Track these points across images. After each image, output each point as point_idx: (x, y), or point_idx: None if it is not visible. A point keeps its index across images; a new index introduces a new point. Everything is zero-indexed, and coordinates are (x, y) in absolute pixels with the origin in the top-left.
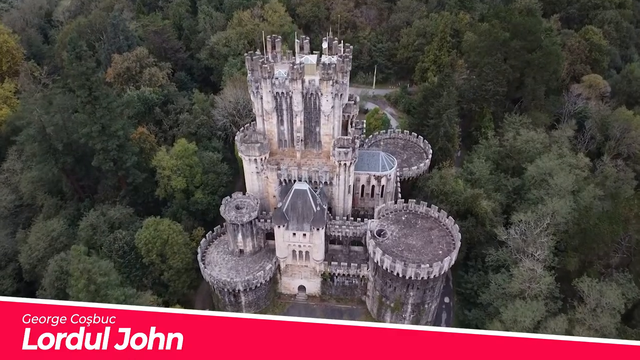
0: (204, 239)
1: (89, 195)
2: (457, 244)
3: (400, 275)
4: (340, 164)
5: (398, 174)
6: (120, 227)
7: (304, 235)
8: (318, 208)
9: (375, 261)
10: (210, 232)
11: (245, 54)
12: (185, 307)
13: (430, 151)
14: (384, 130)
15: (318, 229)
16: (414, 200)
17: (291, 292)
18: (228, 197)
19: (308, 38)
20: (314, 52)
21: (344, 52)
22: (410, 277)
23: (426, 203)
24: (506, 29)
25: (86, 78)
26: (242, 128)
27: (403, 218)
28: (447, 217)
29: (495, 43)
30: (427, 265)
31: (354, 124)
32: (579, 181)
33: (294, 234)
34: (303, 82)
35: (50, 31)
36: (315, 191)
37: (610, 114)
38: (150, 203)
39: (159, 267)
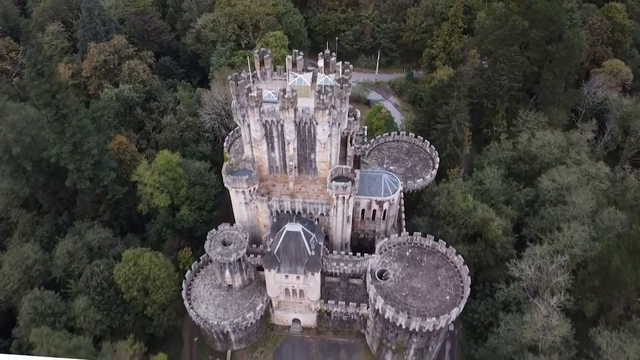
0: (189, 271)
1: (67, 207)
2: (466, 290)
3: (404, 327)
4: (338, 197)
5: (402, 187)
6: (100, 252)
7: (298, 277)
8: (313, 252)
9: (377, 308)
10: (196, 261)
11: (229, 77)
12: (172, 338)
13: (438, 159)
14: (387, 133)
15: (313, 274)
16: (419, 233)
17: (285, 324)
18: (214, 229)
19: (302, 54)
20: (308, 69)
21: (342, 73)
22: (414, 329)
23: (432, 237)
24: (524, 14)
25: (51, 96)
26: (232, 132)
27: (407, 253)
28: (457, 255)
29: (512, 32)
30: (433, 318)
31: (353, 142)
32: (597, 196)
33: (287, 276)
34: (296, 110)
35: (28, 1)
36: (311, 220)
37: (633, 109)
38: (134, 216)
39: (142, 301)
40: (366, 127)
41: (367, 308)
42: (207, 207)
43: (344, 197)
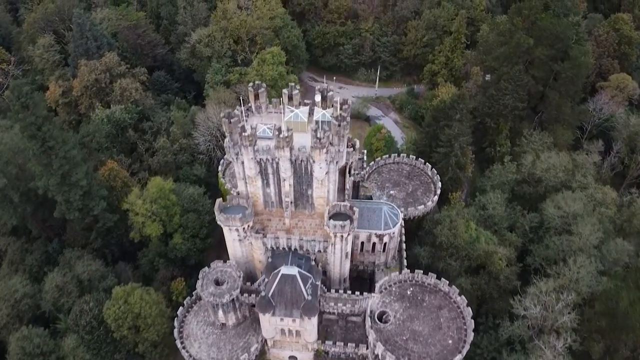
0: (181, 308)
1: (58, 233)
2: (469, 335)
3: None
4: (336, 235)
5: (403, 214)
6: (90, 285)
7: (294, 320)
8: (310, 296)
9: (376, 353)
10: (189, 297)
11: (222, 115)
12: None
13: (439, 183)
14: (388, 155)
15: (310, 318)
16: (421, 271)
17: (279, 357)
18: (206, 268)
19: (298, 88)
20: (305, 102)
21: (340, 109)
22: None
23: (434, 275)
24: (529, 31)
25: (37, 128)
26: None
27: (408, 292)
28: (460, 296)
29: (516, 50)
30: None
31: (352, 172)
32: (604, 223)
33: (282, 319)
34: (292, 149)
35: (21, 9)
36: (308, 257)
37: None
38: (126, 243)
39: (133, 339)
40: (365, 152)
41: (367, 349)
42: (201, 235)
43: (342, 235)
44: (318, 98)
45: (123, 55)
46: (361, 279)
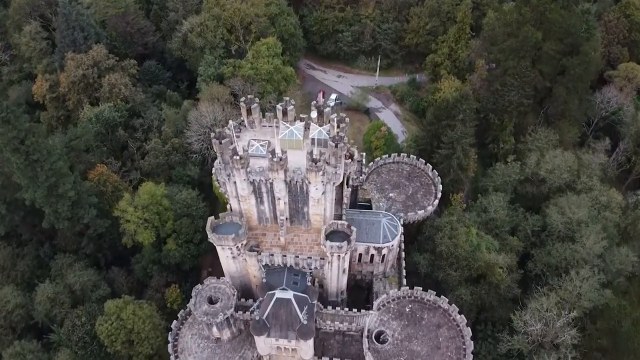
0: (175, 321)
1: (49, 237)
2: (468, 356)
3: None
4: (333, 254)
5: (402, 219)
6: (83, 295)
7: (289, 341)
8: (305, 320)
9: None
10: (183, 309)
11: (212, 135)
12: None
13: (440, 186)
14: (387, 155)
15: (306, 340)
16: (420, 288)
17: None
18: (199, 285)
19: (293, 103)
20: (301, 117)
21: (337, 128)
22: None
23: (434, 292)
24: (538, 22)
25: (20, 142)
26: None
27: (407, 309)
28: (460, 314)
29: (524, 44)
30: None
31: (350, 184)
32: (608, 228)
33: (277, 339)
34: (286, 170)
35: None
36: (304, 273)
37: None
38: (119, 247)
39: (127, 353)
40: (364, 154)
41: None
42: (195, 240)
43: (339, 255)
44: (314, 114)
45: (112, 44)
46: (359, 288)
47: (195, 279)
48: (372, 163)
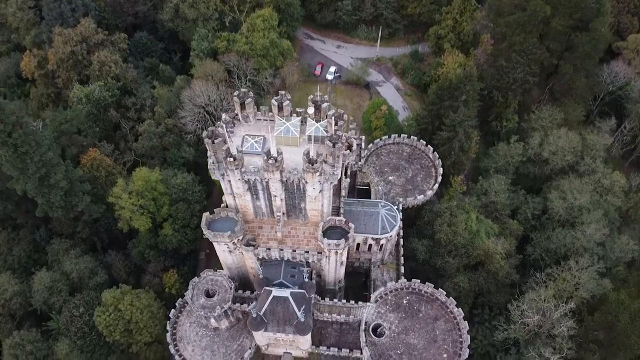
0: (173, 310)
1: (45, 219)
2: (464, 351)
3: None
4: (330, 251)
5: (401, 204)
6: (81, 282)
7: (287, 334)
8: (302, 318)
9: None
10: (181, 298)
11: (203, 134)
12: None
13: (441, 169)
14: (387, 136)
15: (303, 335)
16: (418, 280)
17: (276, 354)
18: (196, 278)
19: (289, 97)
20: (297, 112)
21: (335, 126)
22: None
23: (432, 285)
24: None
25: (7, 135)
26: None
27: (404, 301)
28: (457, 307)
29: (531, 19)
30: None
31: (348, 174)
32: (610, 213)
33: (275, 333)
34: (282, 171)
35: None
36: (301, 265)
37: None
38: (115, 231)
39: (126, 341)
40: (364, 138)
41: (361, 354)
42: (192, 225)
43: (337, 252)
44: (311, 110)
45: (100, 16)
46: (357, 273)
47: (193, 262)
48: (371, 145)
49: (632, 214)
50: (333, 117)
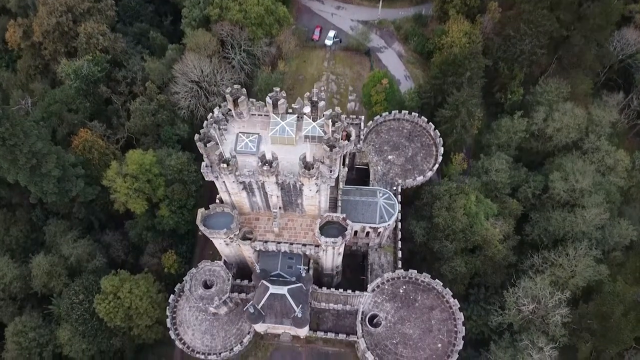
0: (172, 295)
1: (40, 200)
2: (459, 341)
3: None
4: (327, 247)
5: (401, 185)
6: (80, 266)
7: (284, 325)
8: (300, 313)
9: (366, 356)
10: (179, 283)
11: (196, 137)
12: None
13: (442, 149)
14: (388, 112)
15: (301, 328)
16: (415, 270)
17: (275, 333)
18: (194, 269)
19: (284, 95)
20: (293, 106)
21: (332, 127)
22: None
23: (429, 275)
24: None
25: None
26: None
27: (401, 291)
28: (453, 297)
29: None
30: None
31: (346, 164)
32: (611, 193)
33: (273, 324)
34: (278, 174)
35: None
36: (299, 256)
37: None
38: (111, 210)
39: (127, 325)
40: (363, 118)
41: (357, 338)
42: (189, 205)
43: (334, 248)
44: (307, 109)
45: None
46: (354, 256)
47: (192, 241)
48: (371, 122)
49: (633, 193)
50: (330, 119)
